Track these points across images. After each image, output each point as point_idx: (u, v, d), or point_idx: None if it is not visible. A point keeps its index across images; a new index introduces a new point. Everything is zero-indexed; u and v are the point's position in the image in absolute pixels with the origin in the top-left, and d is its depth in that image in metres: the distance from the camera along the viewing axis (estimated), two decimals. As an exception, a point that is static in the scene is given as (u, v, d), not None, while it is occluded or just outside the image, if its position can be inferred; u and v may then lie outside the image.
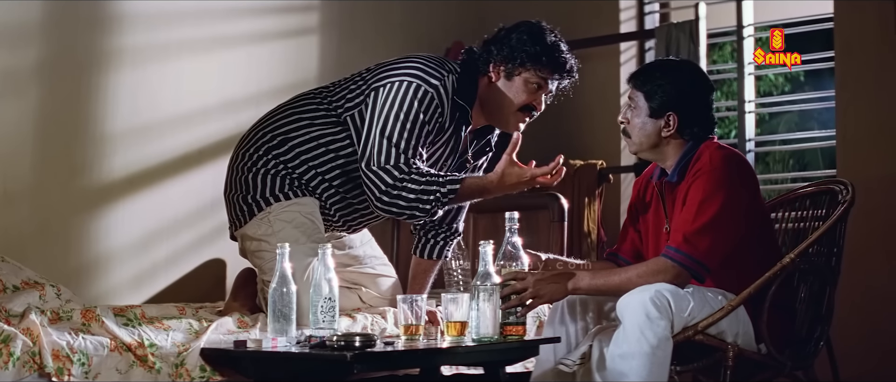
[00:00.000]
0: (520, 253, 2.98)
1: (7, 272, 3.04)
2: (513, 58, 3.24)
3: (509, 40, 3.26)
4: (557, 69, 3.26)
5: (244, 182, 3.24)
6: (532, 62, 3.23)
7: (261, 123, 3.33)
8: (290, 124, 3.25)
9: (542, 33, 3.26)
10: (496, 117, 3.32)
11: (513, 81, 3.26)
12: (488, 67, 3.27)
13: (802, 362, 3.09)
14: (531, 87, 3.26)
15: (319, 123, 3.24)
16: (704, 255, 2.88)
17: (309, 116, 3.25)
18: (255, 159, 3.24)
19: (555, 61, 3.24)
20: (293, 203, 3.21)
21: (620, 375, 2.80)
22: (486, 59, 3.28)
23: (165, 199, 4.15)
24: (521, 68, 3.24)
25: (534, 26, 3.30)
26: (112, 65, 4.07)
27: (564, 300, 3.07)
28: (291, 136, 3.23)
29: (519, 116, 3.29)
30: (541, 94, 3.28)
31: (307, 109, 3.28)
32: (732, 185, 2.93)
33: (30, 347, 2.65)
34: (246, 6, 4.50)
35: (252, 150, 3.27)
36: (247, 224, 3.23)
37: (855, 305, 4.09)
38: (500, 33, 3.31)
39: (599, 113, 4.99)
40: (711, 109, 3.10)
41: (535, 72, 3.24)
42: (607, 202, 4.98)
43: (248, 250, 3.26)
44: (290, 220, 3.19)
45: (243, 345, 2.82)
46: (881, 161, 4.32)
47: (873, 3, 4.36)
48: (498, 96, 3.27)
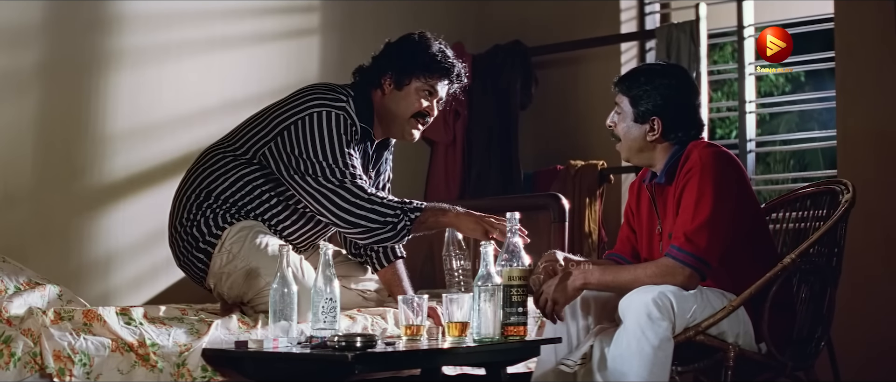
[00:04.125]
0: (521, 254, 2.98)
1: (8, 273, 3.04)
2: (402, 68, 3.35)
3: (397, 52, 3.39)
4: (445, 75, 3.37)
5: (190, 238, 3.28)
6: (421, 70, 3.34)
7: (181, 190, 3.37)
8: (208, 178, 3.30)
9: (427, 42, 3.38)
10: (392, 128, 3.42)
11: (403, 90, 3.37)
12: (379, 80, 3.38)
13: (803, 362, 3.09)
14: (422, 94, 3.37)
15: (232, 167, 3.30)
16: (705, 252, 2.89)
17: (222, 166, 3.31)
18: (190, 216, 3.29)
19: (442, 68, 3.36)
20: (238, 226, 3.25)
21: (621, 375, 2.80)
22: (376, 73, 3.39)
23: (166, 199, 4.12)
24: (411, 77, 3.35)
25: (419, 36, 3.41)
26: (112, 66, 4.07)
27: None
28: (213, 186, 3.29)
29: (413, 124, 3.40)
30: (432, 100, 3.38)
31: (217, 161, 3.32)
32: (724, 181, 2.94)
33: (31, 347, 2.65)
34: (246, 7, 4.51)
35: (184, 212, 3.31)
36: (210, 267, 3.26)
37: (856, 305, 4.10)
38: (387, 47, 3.43)
39: (600, 113, 4.94)
40: (697, 111, 3.10)
41: (425, 80, 3.35)
42: (608, 203, 4.98)
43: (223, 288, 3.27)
44: (243, 237, 3.23)
45: (244, 345, 2.83)
46: (881, 161, 4.32)
47: (873, 3, 4.36)
48: (391, 107, 3.38)
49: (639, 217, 3.20)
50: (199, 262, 3.28)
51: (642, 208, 3.18)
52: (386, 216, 3.20)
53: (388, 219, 3.20)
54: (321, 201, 3.21)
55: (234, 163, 3.30)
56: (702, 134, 3.11)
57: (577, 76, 5.30)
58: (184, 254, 3.31)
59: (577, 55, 5.28)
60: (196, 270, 3.31)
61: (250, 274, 3.18)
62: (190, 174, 3.37)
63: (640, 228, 3.19)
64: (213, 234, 3.25)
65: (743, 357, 2.95)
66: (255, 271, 3.16)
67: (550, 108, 5.31)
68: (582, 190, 4.90)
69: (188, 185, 3.35)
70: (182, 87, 4.27)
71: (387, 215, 3.20)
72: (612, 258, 3.27)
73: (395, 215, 3.21)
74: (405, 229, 3.22)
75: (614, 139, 3.15)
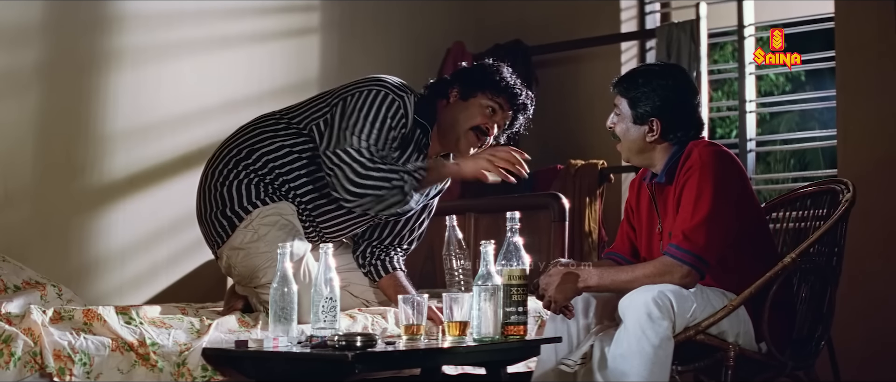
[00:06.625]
0: (521, 253, 2.98)
1: (8, 272, 3.04)
2: (470, 82, 3.39)
3: (469, 70, 3.46)
4: (511, 99, 3.39)
5: (219, 197, 3.29)
6: (488, 87, 3.38)
7: (227, 142, 3.40)
8: (256, 137, 3.34)
9: (500, 67, 3.43)
10: (449, 136, 3.42)
11: (468, 102, 3.39)
12: (447, 90, 3.42)
13: (803, 362, 3.09)
14: (485, 110, 3.38)
15: (283, 134, 3.33)
16: (704, 250, 2.89)
17: (272, 130, 3.35)
18: (226, 173, 3.30)
19: (510, 92, 3.39)
20: (272, 208, 3.27)
21: (621, 375, 2.80)
22: (446, 85, 3.45)
23: (166, 199, 4.16)
24: (477, 91, 3.38)
25: (495, 61, 3.46)
26: (112, 65, 4.07)
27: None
28: (257, 147, 3.31)
29: (470, 138, 3.39)
30: (494, 120, 3.39)
31: (270, 125, 3.37)
32: (724, 180, 2.94)
33: (31, 347, 2.65)
34: (246, 6, 4.51)
35: (221, 165, 3.32)
36: (231, 237, 3.26)
37: (856, 305, 4.10)
38: (462, 67, 3.51)
39: (600, 113, 4.94)
40: (696, 111, 3.10)
41: (491, 97, 3.37)
42: (608, 202, 4.98)
43: (236, 261, 3.27)
44: (273, 223, 3.24)
45: (245, 345, 2.83)
46: (882, 161, 4.32)
47: (873, 3, 4.36)
48: (452, 115, 3.40)
49: (639, 215, 3.20)
50: (220, 226, 3.28)
51: (642, 207, 3.18)
52: (392, 180, 3.19)
53: (395, 182, 3.19)
54: (334, 172, 3.20)
55: (285, 130, 3.33)
56: (702, 133, 3.12)
57: (577, 76, 5.31)
58: (208, 209, 3.31)
59: (578, 55, 5.28)
60: (213, 231, 3.30)
61: (265, 263, 3.17)
62: (240, 131, 3.40)
63: (640, 226, 3.19)
64: (244, 206, 3.25)
65: (743, 356, 2.95)
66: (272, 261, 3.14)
67: (550, 107, 5.31)
68: (582, 189, 4.90)
69: (235, 139, 3.37)
70: (182, 86, 4.27)
71: (392, 179, 3.19)
72: (610, 257, 3.27)
73: (400, 177, 3.20)
74: (413, 187, 3.23)
75: (615, 140, 3.15)
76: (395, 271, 3.58)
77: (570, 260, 3.15)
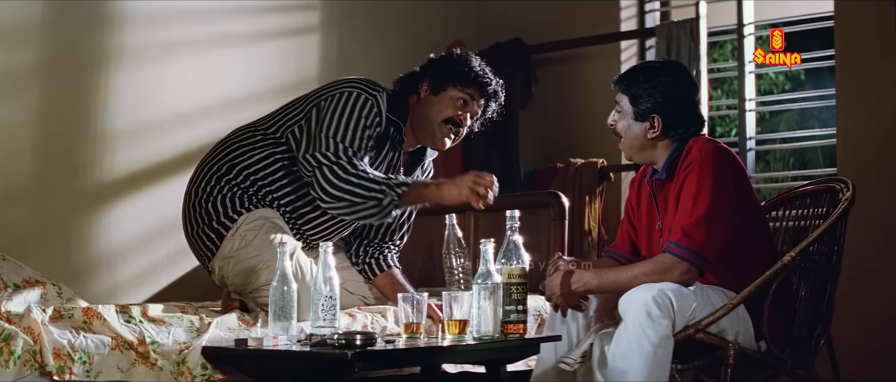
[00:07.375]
0: (521, 252, 2.98)
1: (8, 271, 3.04)
2: (440, 75, 3.41)
3: (437, 62, 3.47)
4: (481, 88, 3.41)
5: (204, 213, 3.31)
6: (458, 79, 3.39)
7: (206, 160, 3.41)
8: (234, 152, 3.35)
9: (468, 57, 3.44)
10: (423, 131, 3.43)
11: (439, 95, 3.41)
12: (417, 85, 3.43)
13: (803, 360, 3.09)
14: (457, 102, 3.40)
15: (260, 146, 3.34)
16: (703, 246, 2.89)
17: (249, 143, 3.36)
18: (209, 190, 3.32)
19: (479, 81, 3.41)
20: (256, 213, 3.29)
21: (621, 373, 2.80)
22: (415, 79, 3.45)
23: (166, 198, 4.15)
24: (447, 84, 3.40)
25: (461, 51, 3.49)
26: (112, 64, 4.07)
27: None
28: (237, 161, 3.33)
29: (444, 130, 3.41)
30: (466, 111, 3.41)
31: (246, 138, 3.38)
32: (723, 177, 2.94)
33: (31, 345, 2.65)
34: (246, 6, 4.51)
35: (203, 183, 3.34)
36: (220, 248, 3.27)
37: (856, 303, 4.10)
38: (430, 59, 3.50)
39: (600, 112, 4.95)
40: (697, 108, 3.11)
41: (461, 88, 3.39)
42: (608, 201, 4.98)
43: (228, 271, 3.27)
44: (260, 227, 3.26)
45: (244, 344, 2.83)
46: (881, 160, 4.33)
47: (873, 2, 4.36)
48: (424, 109, 3.41)
49: (639, 213, 3.20)
50: (208, 240, 3.29)
51: (642, 204, 3.18)
52: (371, 191, 3.18)
53: (374, 194, 3.18)
54: (314, 173, 3.21)
55: (263, 142, 3.34)
56: (702, 130, 3.12)
57: (577, 74, 5.30)
58: (194, 227, 3.33)
59: (577, 53, 5.28)
60: (203, 246, 3.32)
61: (257, 265, 3.18)
62: (217, 147, 3.41)
63: (640, 224, 3.19)
64: (229, 216, 3.27)
65: (743, 355, 2.95)
66: (264, 263, 3.15)
67: (550, 106, 5.31)
68: (582, 188, 4.90)
69: (213, 156, 3.38)
70: (182, 85, 4.27)
71: (372, 190, 3.18)
72: (610, 255, 3.27)
73: (380, 190, 3.19)
74: (392, 204, 3.21)
75: (617, 137, 3.15)
76: (390, 268, 3.58)
77: (573, 257, 3.15)
